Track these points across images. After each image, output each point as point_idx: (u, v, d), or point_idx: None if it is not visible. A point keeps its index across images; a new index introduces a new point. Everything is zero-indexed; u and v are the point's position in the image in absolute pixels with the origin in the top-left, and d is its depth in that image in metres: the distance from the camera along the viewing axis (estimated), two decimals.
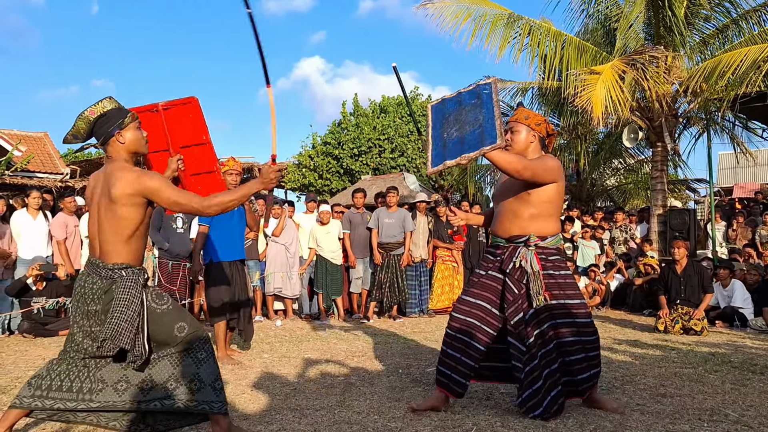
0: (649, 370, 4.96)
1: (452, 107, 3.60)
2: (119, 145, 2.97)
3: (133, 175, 2.85)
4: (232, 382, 4.51)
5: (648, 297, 9.19)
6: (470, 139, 3.35)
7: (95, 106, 2.96)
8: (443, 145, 3.46)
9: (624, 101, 9.37)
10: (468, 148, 3.32)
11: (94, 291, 2.87)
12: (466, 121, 3.45)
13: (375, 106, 26.31)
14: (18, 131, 20.28)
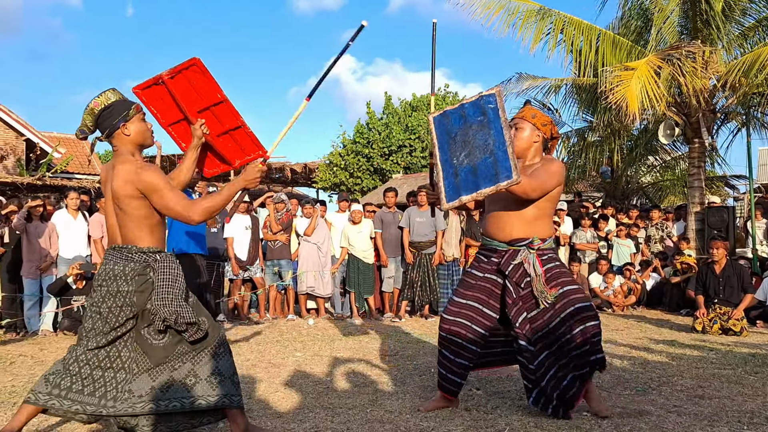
0: (686, 371, 4.87)
1: (457, 123, 3.36)
2: (125, 138, 2.92)
3: (131, 168, 2.82)
4: (266, 380, 4.57)
5: (685, 296, 9.01)
6: (483, 169, 3.19)
7: (99, 97, 2.91)
8: (455, 174, 3.29)
9: (660, 97, 9.20)
10: (483, 181, 3.17)
11: (126, 273, 2.81)
12: (475, 145, 3.26)
13: (406, 104, 26.28)
14: (57, 134, 20.80)
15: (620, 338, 6.61)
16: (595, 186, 17.38)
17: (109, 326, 2.83)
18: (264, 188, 19.86)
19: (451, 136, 3.35)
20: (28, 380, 4.60)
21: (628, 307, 9.42)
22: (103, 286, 2.84)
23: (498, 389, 4.23)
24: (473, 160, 3.23)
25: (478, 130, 3.27)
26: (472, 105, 3.34)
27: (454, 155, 3.30)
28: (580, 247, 10.07)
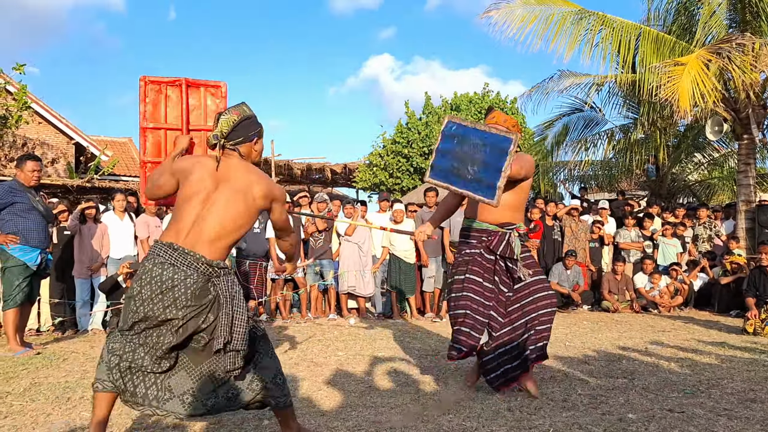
0: (737, 373, 4.74)
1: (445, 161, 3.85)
2: (252, 152, 3.01)
3: (268, 180, 2.95)
4: (308, 379, 4.61)
5: (735, 297, 8.77)
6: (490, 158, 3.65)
7: (238, 107, 3.00)
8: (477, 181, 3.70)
9: (712, 91, 8.96)
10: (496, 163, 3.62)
11: (188, 285, 2.67)
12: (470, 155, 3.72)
13: (446, 103, 26.19)
14: (104, 137, 21.39)
15: (667, 340, 6.47)
16: (640, 184, 17.04)
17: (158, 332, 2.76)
18: (305, 189, 20.08)
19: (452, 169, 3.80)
20: (81, 376, 4.75)
21: (675, 308, 9.21)
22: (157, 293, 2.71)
23: (542, 390, 4.18)
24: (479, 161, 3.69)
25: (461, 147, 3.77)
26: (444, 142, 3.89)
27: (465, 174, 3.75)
28: (624, 247, 9.89)
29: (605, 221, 10.16)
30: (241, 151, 2.94)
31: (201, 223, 2.75)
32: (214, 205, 2.77)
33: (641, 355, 5.57)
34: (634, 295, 9.25)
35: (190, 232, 2.74)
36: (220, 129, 2.91)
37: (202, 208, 2.77)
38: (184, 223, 2.76)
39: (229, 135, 2.91)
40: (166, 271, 2.67)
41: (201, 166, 2.88)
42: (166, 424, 3.47)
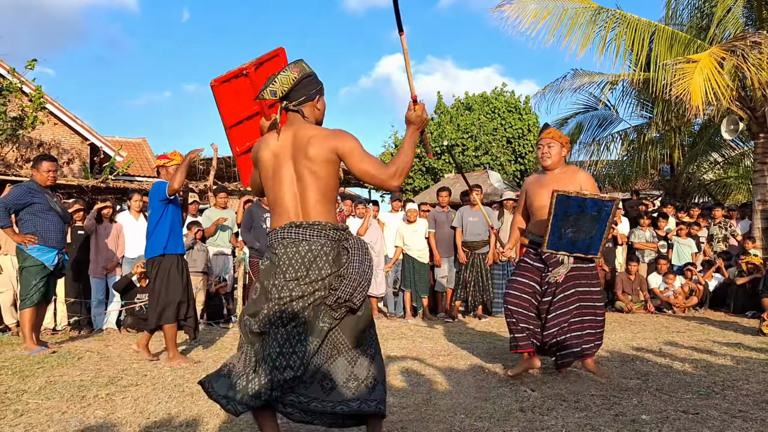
0: (752, 375, 4.69)
1: (575, 208, 4.34)
2: (314, 111, 2.82)
3: (328, 130, 2.71)
4: None
5: (751, 298, 8.68)
6: (580, 243, 4.42)
7: (296, 64, 2.80)
8: (559, 237, 4.39)
9: (725, 89, 8.88)
10: (575, 249, 4.43)
11: (327, 253, 2.61)
12: (582, 229, 4.37)
13: (459, 103, 26.12)
14: (119, 138, 21.55)
15: (681, 340, 6.42)
16: (654, 184, 16.92)
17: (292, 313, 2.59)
18: None
19: (567, 214, 4.35)
20: (95, 375, 4.80)
21: (690, 309, 9.13)
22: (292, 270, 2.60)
23: (555, 391, 4.16)
24: (578, 236, 4.40)
25: (589, 220, 4.36)
26: (593, 201, 4.33)
27: (564, 227, 4.37)
28: (638, 247, 9.81)
29: (619, 221, 10.08)
30: (305, 111, 2.78)
31: (302, 198, 2.67)
32: (302, 177, 2.66)
33: (655, 356, 5.53)
34: (648, 295, 9.18)
35: (298, 208, 2.67)
36: (280, 88, 2.72)
37: (292, 185, 2.69)
38: (287, 204, 2.68)
39: (289, 94, 2.74)
40: (301, 247, 2.60)
41: (266, 145, 2.76)
42: (179, 423, 3.49)
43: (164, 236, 5.20)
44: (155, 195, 5.21)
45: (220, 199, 8.80)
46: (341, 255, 2.66)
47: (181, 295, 5.28)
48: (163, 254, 5.20)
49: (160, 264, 5.20)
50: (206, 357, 5.57)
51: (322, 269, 2.60)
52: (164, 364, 5.21)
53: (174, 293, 5.21)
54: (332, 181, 2.69)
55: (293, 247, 2.61)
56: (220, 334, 7.00)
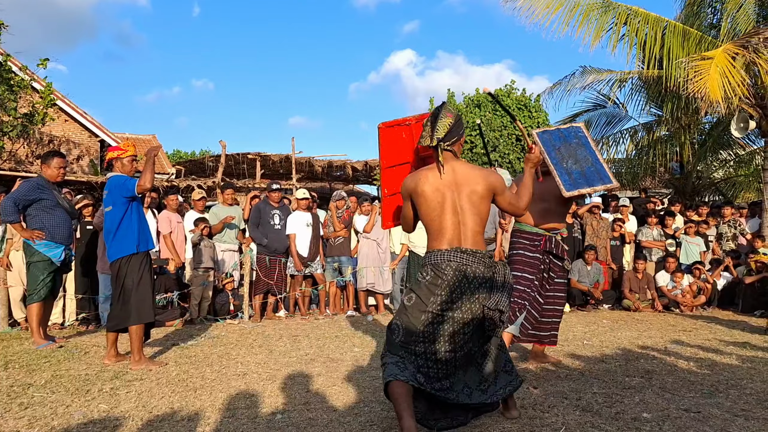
0: (757, 374, 4.66)
1: (558, 140, 4.48)
2: (461, 148, 3.30)
3: (484, 172, 3.25)
4: (324, 374, 4.65)
5: (760, 297, 8.62)
6: (590, 174, 4.40)
7: (447, 109, 3.25)
8: (567, 173, 4.37)
9: (741, 83, 8.81)
10: (592, 182, 4.39)
11: (484, 277, 3.11)
12: (578, 158, 4.44)
13: (469, 100, 26.04)
14: (129, 134, 21.68)
15: (688, 339, 6.39)
16: (664, 182, 16.80)
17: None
18: (326, 186, 20.12)
19: (555, 147, 4.44)
20: (101, 369, 4.84)
21: (698, 308, 9.08)
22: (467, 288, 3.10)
23: (556, 389, 4.16)
24: (582, 167, 4.40)
25: (576, 147, 4.47)
26: (567, 130, 4.56)
27: (563, 161, 4.41)
28: (646, 245, 9.76)
29: (626, 219, 10.05)
30: (455, 149, 3.23)
31: (464, 227, 3.14)
32: (464, 209, 3.14)
33: (660, 354, 5.51)
34: (656, 294, 9.14)
35: (461, 236, 3.13)
36: (440, 133, 3.17)
37: (455, 215, 3.14)
38: (450, 231, 3.13)
39: (445, 137, 3.18)
40: (467, 272, 3.08)
41: (426, 180, 3.18)
42: (181, 417, 3.52)
43: (134, 234, 5.03)
44: (119, 191, 4.99)
45: (228, 195, 8.83)
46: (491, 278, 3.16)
47: (153, 294, 5.17)
48: (136, 252, 5.03)
49: (129, 262, 5.00)
50: (212, 353, 5.60)
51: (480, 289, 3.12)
52: (168, 359, 5.25)
53: (148, 291, 5.06)
54: (487, 214, 3.25)
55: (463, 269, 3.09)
56: (227, 330, 7.04)
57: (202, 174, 19.81)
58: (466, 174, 3.18)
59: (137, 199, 5.13)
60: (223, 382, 4.41)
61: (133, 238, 5.03)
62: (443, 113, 3.21)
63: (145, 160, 5.00)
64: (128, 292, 4.98)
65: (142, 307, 5.00)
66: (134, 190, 4.95)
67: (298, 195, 8.56)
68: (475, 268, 3.09)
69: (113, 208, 5.02)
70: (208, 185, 15.22)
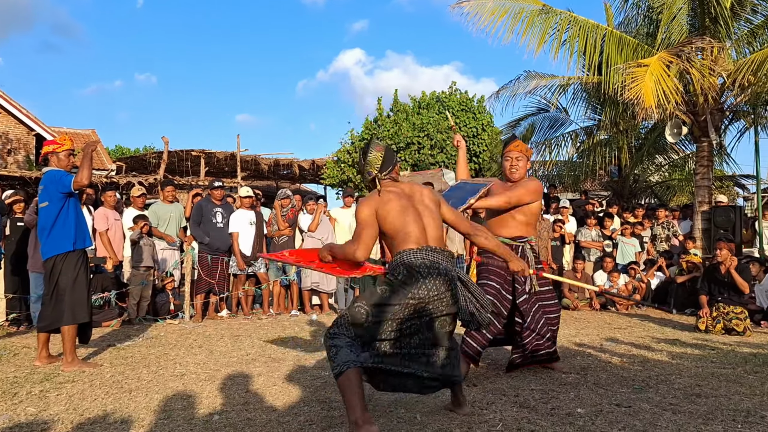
0: (685, 369, 4.86)
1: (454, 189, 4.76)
2: (396, 174, 3.53)
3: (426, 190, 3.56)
4: (264, 374, 4.60)
5: (690, 296, 8.97)
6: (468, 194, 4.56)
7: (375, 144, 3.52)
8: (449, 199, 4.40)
9: (675, 91, 9.15)
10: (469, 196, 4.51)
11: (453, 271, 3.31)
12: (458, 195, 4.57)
13: (415, 102, 26.20)
14: (67, 129, 20.94)
15: (622, 337, 6.60)
16: (603, 185, 17.32)
17: None
18: (272, 185, 19.89)
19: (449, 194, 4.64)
20: (31, 371, 4.66)
21: (633, 306, 9.39)
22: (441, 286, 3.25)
23: (495, 386, 4.23)
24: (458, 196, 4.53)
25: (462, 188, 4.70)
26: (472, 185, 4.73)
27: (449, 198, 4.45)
28: (584, 245, 10.05)
29: (566, 220, 10.31)
30: (393, 176, 3.50)
31: (428, 228, 3.37)
32: (423, 214, 3.39)
33: (596, 351, 5.67)
34: (594, 292, 9.40)
35: (427, 237, 3.34)
36: (372, 167, 3.44)
37: (419, 219, 3.37)
38: (417, 234, 3.32)
39: (381, 168, 3.45)
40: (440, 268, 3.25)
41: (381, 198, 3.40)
42: (114, 419, 3.42)
43: (71, 231, 4.88)
44: (55, 186, 4.84)
45: (168, 192, 8.63)
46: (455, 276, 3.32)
47: (88, 293, 5.00)
48: (72, 250, 4.88)
49: (64, 260, 4.85)
50: (149, 354, 5.47)
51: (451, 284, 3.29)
52: (102, 361, 5.10)
53: (83, 290, 4.91)
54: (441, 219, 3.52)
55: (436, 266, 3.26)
56: (166, 330, 6.88)
57: (145, 171, 19.34)
58: (412, 188, 3.50)
59: (75, 196, 4.97)
60: (160, 384, 4.31)
61: (70, 235, 4.87)
62: (372, 149, 3.50)
63: (83, 156, 4.84)
64: (62, 291, 4.82)
65: (78, 306, 4.85)
66: (71, 186, 4.79)
67: (242, 193, 8.45)
68: (445, 263, 3.29)
69: (49, 204, 4.86)
70: (149, 182, 14.86)
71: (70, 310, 4.82)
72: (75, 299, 4.84)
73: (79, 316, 4.86)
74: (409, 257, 3.27)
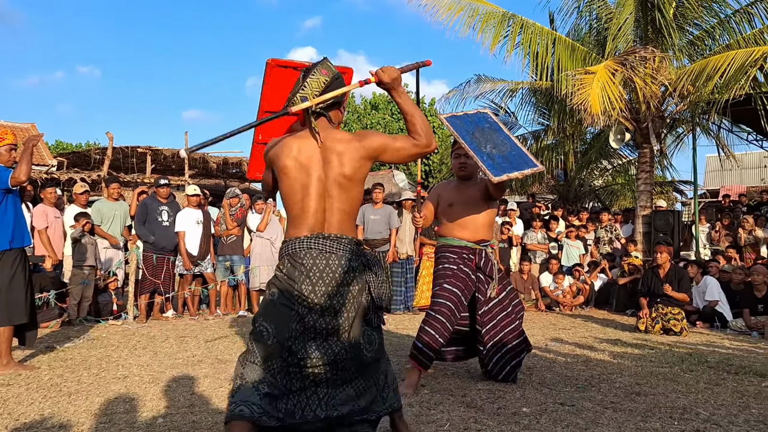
0: (626, 368, 5.01)
1: (470, 125, 4.23)
2: (339, 115, 2.73)
3: (357, 142, 2.62)
4: (211, 376, 4.52)
5: (631, 297, 9.26)
6: (513, 158, 4.08)
7: (324, 65, 2.65)
8: (490, 158, 4.03)
9: (619, 98, 9.44)
10: (518, 165, 4.04)
11: (352, 266, 2.57)
12: (496, 142, 4.15)
13: (366, 102, 26.29)
14: (5, 122, 20.14)
15: (566, 337, 6.75)
16: (550, 188, 17.71)
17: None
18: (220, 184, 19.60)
19: (470, 132, 4.17)
20: None
21: (577, 307, 9.62)
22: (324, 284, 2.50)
23: (443, 386, 4.27)
24: (503, 151, 4.10)
25: (490, 132, 4.21)
26: (476, 115, 4.37)
27: (482, 145, 4.10)
28: (531, 248, 10.26)
29: (514, 223, 10.50)
30: (331, 115, 2.67)
31: (329, 213, 2.59)
32: (332, 193, 2.58)
33: (541, 351, 5.79)
34: (539, 294, 9.61)
35: (325, 222, 2.58)
36: (311, 93, 2.59)
37: (321, 199, 2.59)
38: (313, 217, 2.57)
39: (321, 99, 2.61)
40: (331, 260, 2.53)
41: (290, 153, 2.61)
42: (52, 424, 3.31)
43: (8, 228, 4.66)
44: None
45: (113, 189, 8.39)
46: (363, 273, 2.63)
47: (27, 292, 4.77)
48: (9, 248, 4.65)
49: (1, 259, 4.61)
50: (90, 356, 5.30)
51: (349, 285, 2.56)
52: (40, 363, 4.92)
53: (21, 290, 4.68)
54: (360, 197, 2.69)
55: (323, 259, 2.52)
56: (109, 332, 6.69)
57: (87, 167, 18.75)
58: (338, 149, 2.59)
59: (14, 192, 4.76)
60: (102, 386, 4.19)
61: (7, 233, 4.66)
62: (317, 69, 2.64)
63: (23, 150, 4.64)
64: (1, 290, 4.60)
65: (14, 307, 4.64)
66: (8, 182, 4.60)
67: (189, 191, 8.29)
68: (341, 255, 2.55)
69: None
70: (92, 179, 14.43)
71: (6, 311, 4.62)
72: (11, 299, 4.63)
73: (16, 317, 4.66)
74: (295, 246, 2.56)
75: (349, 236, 2.61)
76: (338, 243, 2.56)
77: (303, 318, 2.47)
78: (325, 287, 2.49)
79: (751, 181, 25.82)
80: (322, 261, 2.52)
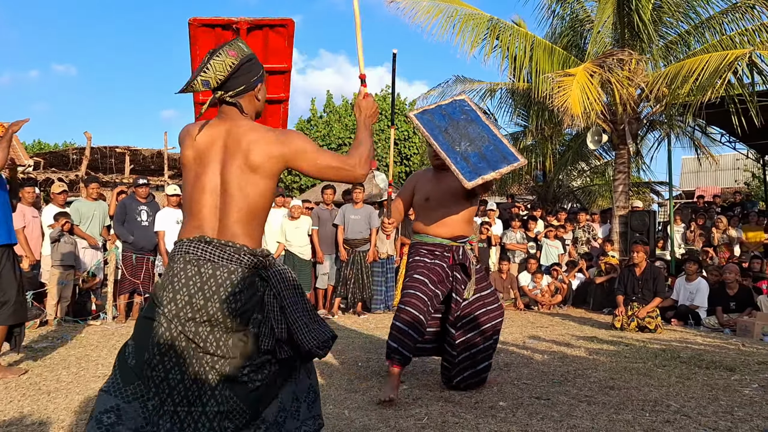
0: (601, 364, 5.11)
1: (442, 120, 3.91)
2: (254, 102, 2.33)
3: (273, 135, 2.22)
4: None
5: (608, 296, 9.40)
6: (491, 154, 3.73)
7: (233, 46, 2.26)
8: (464, 159, 3.69)
9: (598, 100, 9.59)
10: (495, 163, 3.68)
11: (233, 282, 2.10)
12: (472, 137, 3.80)
13: (347, 103, 26.31)
14: None
15: (544, 335, 6.86)
16: (529, 189, 17.89)
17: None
18: None
19: (442, 129, 3.85)
20: None
21: (555, 306, 9.75)
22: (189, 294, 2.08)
23: (422, 382, 4.34)
24: (479, 147, 3.76)
25: (466, 124, 3.88)
26: (449, 106, 3.99)
27: (455, 143, 3.77)
28: (510, 247, 10.37)
29: (493, 222, 10.60)
30: (243, 103, 2.27)
31: (222, 212, 2.17)
32: (227, 189, 2.16)
33: (519, 348, 5.88)
34: (518, 293, 9.72)
35: (215, 223, 2.17)
36: (214, 76, 2.20)
37: (213, 195, 2.19)
38: (202, 216, 2.18)
39: (226, 83, 2.23)
40: (204, 269, 2.10)
41: (191, 141, 2.25)
42: (31, 422, 3.31)
43: None
44: None
45: (92, 189, 8.34)
46: (255, 287, 2.15)
47: (17, 292, 4.55)
48: None
49: None
50: (69, 355, 5.29)
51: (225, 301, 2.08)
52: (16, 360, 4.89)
53: (9, 290, 4.49)
54: (266, 197, 2.22)
55: (193, 267, 2.11)
56: (88, 332, 6.66)
57: (65, 167, 18.58)
58: (246, 140, 2.18)
59: (1, 188, 4.63)
60: (81, 385, 4.19)
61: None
62: (223, 50, 2.23)
63: (2, 135, 4.40)
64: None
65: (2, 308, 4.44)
66: None
67: (169, 191, 8.27)
68: (221, 265, 2.10)
69: None
70: (70, 179, 14.30)
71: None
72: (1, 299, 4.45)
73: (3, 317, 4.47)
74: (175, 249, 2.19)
75: (240, 243, 2.14)
76: (221, 250, 2.12)
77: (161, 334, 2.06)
78: (189, 297, 2.08)
79: (725, 182, 26.29)
80: (193, 268, 2.11)
